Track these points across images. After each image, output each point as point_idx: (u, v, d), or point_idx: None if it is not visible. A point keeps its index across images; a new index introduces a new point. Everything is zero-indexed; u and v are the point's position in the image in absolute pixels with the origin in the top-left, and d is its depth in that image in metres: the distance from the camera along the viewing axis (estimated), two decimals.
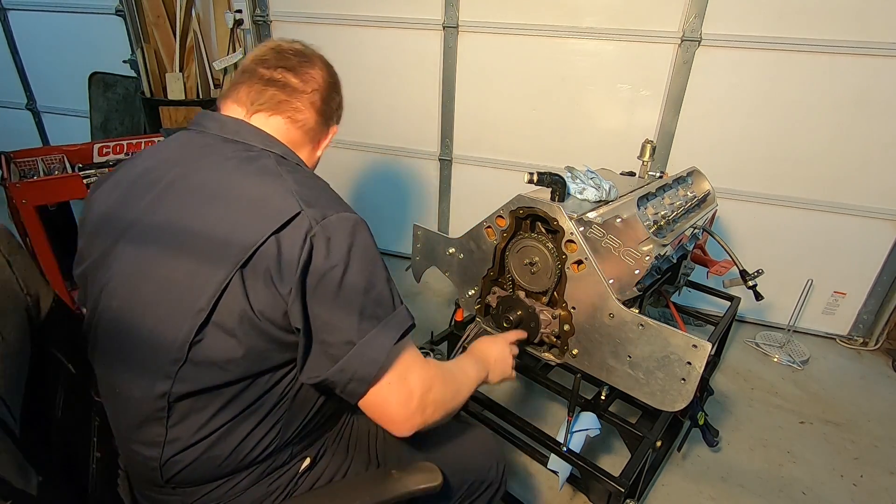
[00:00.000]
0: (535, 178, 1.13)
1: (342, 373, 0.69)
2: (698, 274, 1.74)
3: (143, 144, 2.38)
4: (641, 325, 1.05)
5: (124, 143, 2.32)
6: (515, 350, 1.14)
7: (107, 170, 2.09)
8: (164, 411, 0.71)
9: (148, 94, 2.65)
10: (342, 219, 0.72)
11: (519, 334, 1.22)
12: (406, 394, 0.73)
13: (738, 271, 1.47)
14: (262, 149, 0.81)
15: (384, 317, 0.72)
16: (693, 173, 1.72)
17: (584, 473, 1.21)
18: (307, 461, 0.84)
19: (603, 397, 1.39)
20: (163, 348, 0.69)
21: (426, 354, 1.52)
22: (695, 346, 0.99)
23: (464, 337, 1.54)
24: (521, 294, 1.27)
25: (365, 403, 0.73)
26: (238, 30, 2.71)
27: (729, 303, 1.87)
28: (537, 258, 1.20)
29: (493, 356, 1.04)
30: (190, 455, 0.73)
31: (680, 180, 1.65)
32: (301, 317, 0.68)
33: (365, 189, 2.96)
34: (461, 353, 1.53)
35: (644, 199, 1.39)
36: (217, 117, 0.84)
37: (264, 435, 0.77)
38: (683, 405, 1.03)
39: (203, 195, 0.73)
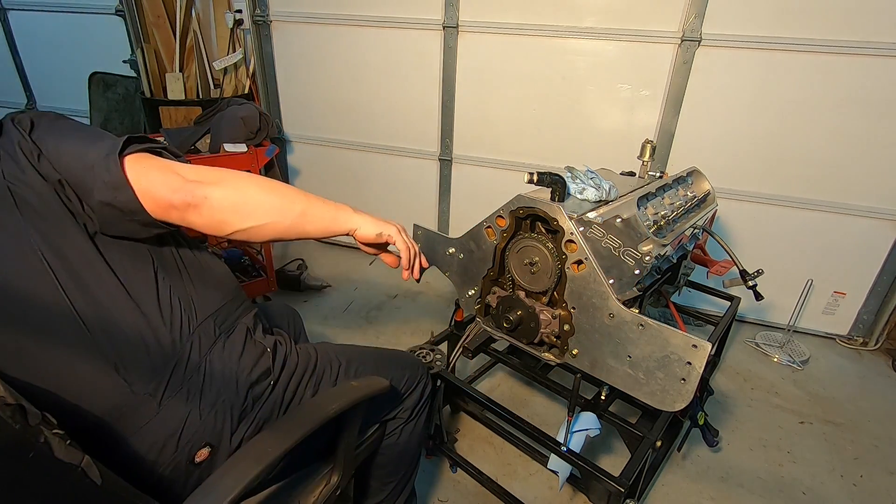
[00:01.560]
0: (535, 178, 1.13)
1: (102, 193, 0.74)
2: (698, 274, 1.74)
3: None
4: (641, 325, 1.05)
5: None
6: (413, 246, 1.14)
7: None
8: None
9: (148, 94, 2.65)
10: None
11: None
12: (161, 174, 0.76)
13: (738, 271, 1.47)
14: None
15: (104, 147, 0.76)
16: (693, 173, 1.72)
17: (584, 473, 1.21)
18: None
19: (603, 397, 1.39)
20: None
21: (426, 354, 1.52)
22: (695, 346, 0.99)
23: (464, 337, 1.54)
24: (521, 294, 1.27)
25: (142, 199, 0.75)
26: (238, 30, 2.71)
27: (729, 303, 1.87)
28: (537, 258, 1.20)
29: (371, 216, 1.01)
30: None
31: (680, 180, 1.65)
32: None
33: (365, 189, 2.96)
34: (461, 353, 1.54)
35: (644, 199, 1.39)
36: None
37: None
38: (683, 405, 1.03)
39: None
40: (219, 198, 0.79)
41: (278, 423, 0.86)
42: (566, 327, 1.18)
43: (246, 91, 2.82)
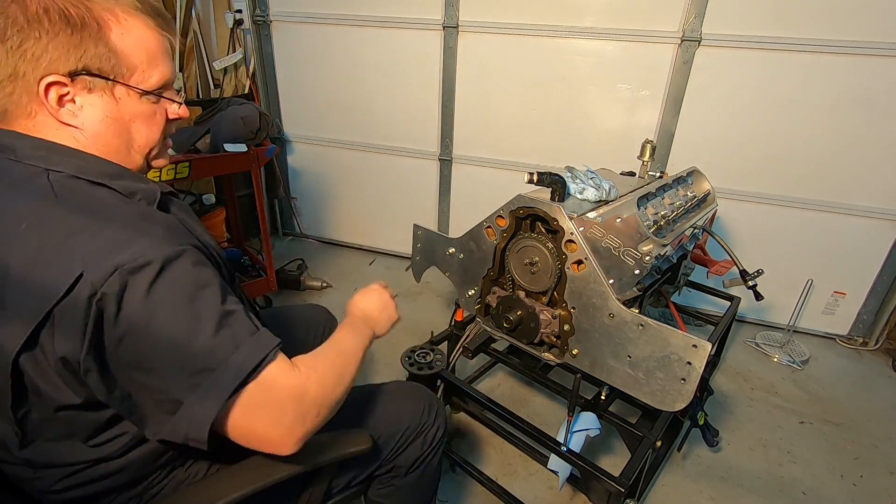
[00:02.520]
0: (535, 178, 1.13)
1: (175, 433, 0.62)
2: (698, 274, 1.74)
3: None
4: (641, 325, 1.05)
5: None
6: (391, 290, 1.07)
7: None
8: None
9: None
10: (136, 263, 0.58)
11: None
12: (276, 412, 0.64)
13: (738, 271, 1.47)
14: (41, 169, 0.64)
15: (216, 366, 0.61)
16: (693, 173, 1.72)
17: (584, 473, 1.21)
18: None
19: (603, 397, 1.39)
20: None
21: (426, 354, 1.52)
22: (695, 346, 0.99)
23: (464, 337, 1.54)
24: (521, 294, 1.27)
25: (233, 436, 0.64)
26: (238, 30, 2.71)
27: (729, 303, 1.87)
28: (537, 258, 1.20)
29: (373, 308, 0.97)
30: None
31: (680, 180, 1.65)
32: (107, 387, 0.61)
33: (365, 189, 2.96)
34: (461, 353, 1.54)
35: (644, 199, 1.39)
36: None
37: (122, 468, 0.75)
38: (683, 405, 1.03)
39: None
40: (313, 424, 0.68)
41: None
42: (566, 327, 1.18)
43: (246, 91, 2.82)
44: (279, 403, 0.64)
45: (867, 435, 1.89)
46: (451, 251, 1.42)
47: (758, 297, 1.48)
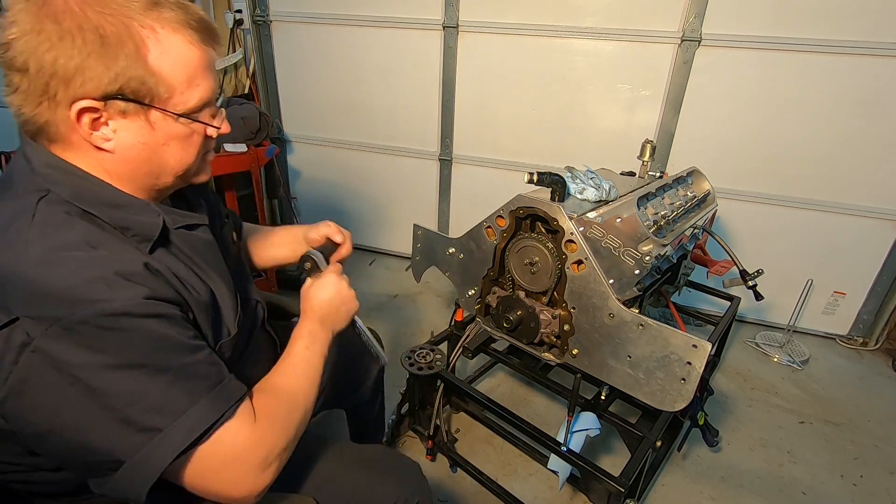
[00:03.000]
0: (535, 178, 1.13)
1: (114, 492, 0.60)
2: (698, 274, 1.74)
3: None
4: (641, 325, 1.05)
5: None
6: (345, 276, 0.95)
7: None
8: None
9: None
10: (74, 318, 0.55)
11: (336, 261, 1.01)
12: (233, 472, 0.63)
13: (738, 271, 1.47)
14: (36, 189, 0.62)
15: (163, 426, 0.58)
16: (693, 173, 1.72)
17: (584, 473, 1.21)
18: None
19: (603, 397, 1.39)
20: None
21: (426, 354, 1.52)
22: (695, 346, 0.99)
23: (464, 337, 1.54)
24: (521, 294, 1.27)
25: (189, 489, 0.63)
26: (238, 30, 2.71)
27: (729, 303, 1.87)
28: (537, 258, 1.20)
29: (332, 304, 0.88)
30: None
31: (680, 180, 1.65)
32: (44, 443, 0.59)
33: (365, 189, 2.96)
34: (461, 353, 1.54)
35: (644, 199, 1.39)
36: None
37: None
38: (683, 405, 1.03)
39: None
40: (277, 463, 0.68)
41: None
42: (566, 327, 1.18)
43: (246, 91, 2.82)
44: (237, 463, 0.63)
45: (867, 435, 1.89)
46: (451, 251, 1.42)
47: (758, 297, 1.48)
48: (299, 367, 0.79)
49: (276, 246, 1.12)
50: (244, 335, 0.84)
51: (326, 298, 0.88)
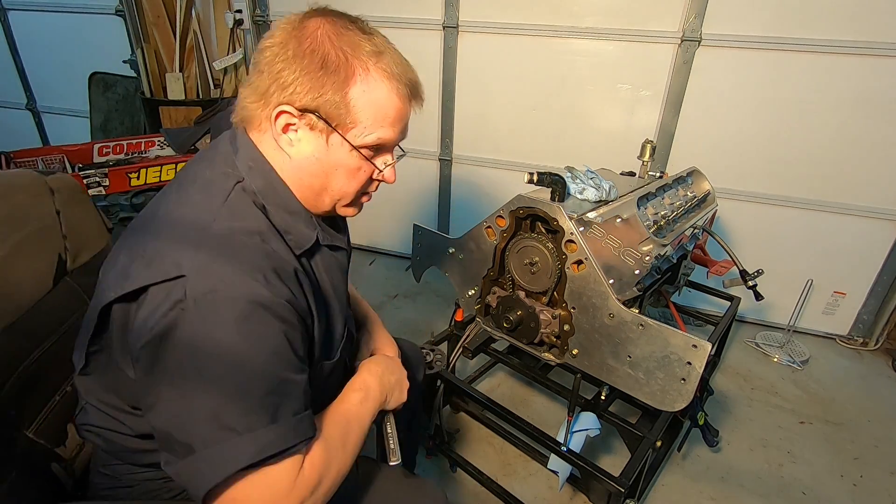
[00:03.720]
0: (535, 178, 1.13)
1: (178, 476, 0.61)
2: (698, 274, 1.74)
3: (143, 144, 2.38)
4: (641, 325, 1.05)
5: (124, 143, 2.33)
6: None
7: (107, 170, 2.09)
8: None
9: (148, 94, 2.65)
10: (229, 294, 0.60)
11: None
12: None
13: (738, 271, 1.47)
14: (234, 174, 0.71)
15: (242, 432, 0.59)
16: (693, 173, 1.72)
17: (584, 473, 1.21)
18: None
19: (603, 397, 1.39)
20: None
21: (426, 354, 1.52)
22: (695, 346, 0.99)
23: (464, 337, 1.54)
24: (521, 294, 1.27)
25: None
26: (238, 30, 2.71)
27: (729, 303, 1.87)
28: (537, 258, 1.20)
29: (393, 382, 0.90)
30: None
31: (680, 180, 1.65)
32: (148, 397, 0.62)
33: None
34: (461, 353, 1.54)
35: (644, 199, 1.39)
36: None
37: None
38: (683, 405, 1.03)
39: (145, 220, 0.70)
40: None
41: None
42: (566, 327, 1.18)
43: None
44: (283, 497, 0.62)
45: (867, 435, 1.89)
46: (451, 251, 1.42)
47: (758, 297, 1.48)
48: (351, 425, 0.76)
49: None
50: (342, 362, 0.86)
51: (392, 374, 0.91)
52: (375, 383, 0.85)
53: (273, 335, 0.62)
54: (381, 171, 0.78)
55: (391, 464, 0.89)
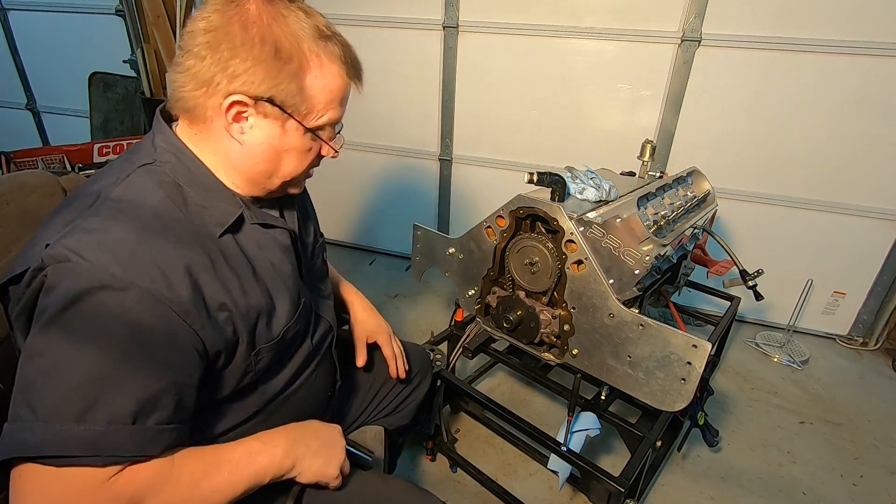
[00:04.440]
0: (535, 178, 1.13)
1: None
2: (698, 274, 1.74)
3: None
4: (641, 325, 1.05)
5: (124, 143, 2.33)
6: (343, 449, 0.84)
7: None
8: None
9: (148, 94, 2.66)
10: (81, 270, 0.57)
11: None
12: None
13: (738, 271, 1.47)
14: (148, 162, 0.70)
15: (45, 418, 0.55)
16: (693, 173, 1.72)
17: (584, 473, 1.21)
18: None
19: (603, 397, 1.39)
20: None
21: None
22: (695, 346, 0.99)
23: (464, 337, 1.54)
24: (521, 294, 1.27)
25: None
26: None
27: (729, 303, 1.87)
28: (537, 258, 1.20)
29: (309, 444, 0.78)
30: None
31: (680, 180, 1.65)
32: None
33: (365, 189, 2.96)
34: (461, 353, 1.54)
35: (644, 199, 1.39)
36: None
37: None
38: (683, 405, 1.03)
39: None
40: None
41: None
42: (566, 327, 1.18)
43: None
44: (74, 500, 0.56)
45: (867, 435, 1.89)
46: (451, 251, 1.42)
47: (758, 297, 1.48)
48: (224, 468, 0.67)
49: (344, 302, 1.17)
50: (287, 346, 0.81)
51: (317, 433, 0.81)
52: (282, 443, 0.74)
53: (110, 323, 0.58)
54: (334, 150, 0.79)
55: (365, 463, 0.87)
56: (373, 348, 1.16)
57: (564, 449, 1.24)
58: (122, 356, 0.58)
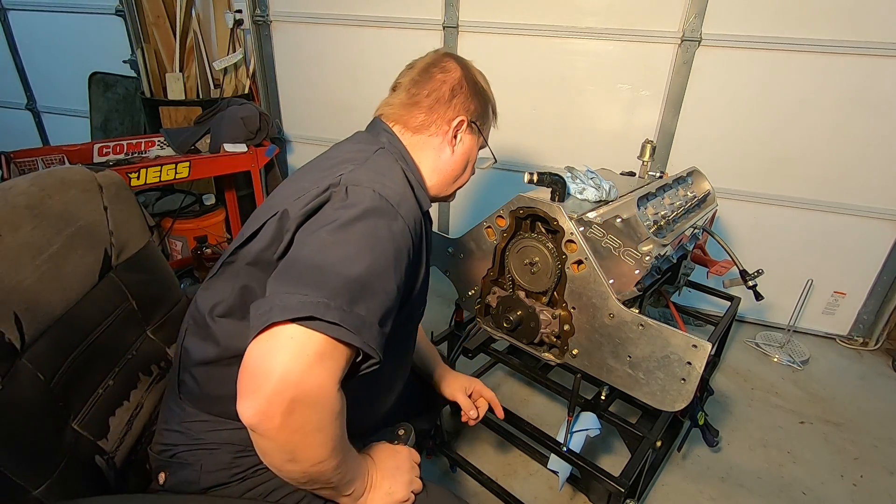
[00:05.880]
0: (535, 178, 1.13)
1: (253, 308, 0.65)
2: (698, 274, 1.74)
3: (143, 144, 2.38)
4: (641, 325, 1.05)
5: (124, 143, 2.33)
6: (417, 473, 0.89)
7: (107, 170, 2.09)
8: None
9: (148, 94, 2.65)
10: (384, 191, 0.76)
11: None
12: (288, 380, 0.60)
13: (738, 271, 1.47)
14: (379, 144, 0.91)
15: (332, 302, 0.63)
16: (693, 173, 1.72)
17: (584, 473, 1.21)
18: None
19: (603, 397, 1.39)
20: None
21: None
22: (695, 346, 0.99)
23: (464, 337, 1.54)
24: (521, 294, 1.27)
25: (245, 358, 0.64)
26: (238, 30, 2.71)
27: (729, 303, 1.87)
28: (537, 258, 1.20)
29: (395, 468, 0.84)
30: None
31: (680, 180, 1.65)
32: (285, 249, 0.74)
33: None
34: (461, 353, 1.54)
35: (644, 199, 1.39)
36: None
37: None
38: (683, 405, 1.03)
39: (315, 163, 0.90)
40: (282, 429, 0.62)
41: None
42: (566, 327, 1.18)
43: (246, 91, 2.82)
44: (298, 377, 0.61)
45: (867, 435, 1.89)
46: (450, 251, 1.42)
47: (758, 297, 1.48)
48: (346, 461, 0.73)
49: (431, 369, 1.26)
50: (416, 326, 1.01)
51: (392, 465, 0.85)
52: (369, 464, 0.82)
53: (384, 240, 0.72)
54: (494, 159, 1.11)
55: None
56: None
57: (564, 449, 1.24)
58: (387, 268, 0.71)
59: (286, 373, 0.60)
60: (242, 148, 2.28)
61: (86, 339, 0.86)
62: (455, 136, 0.96)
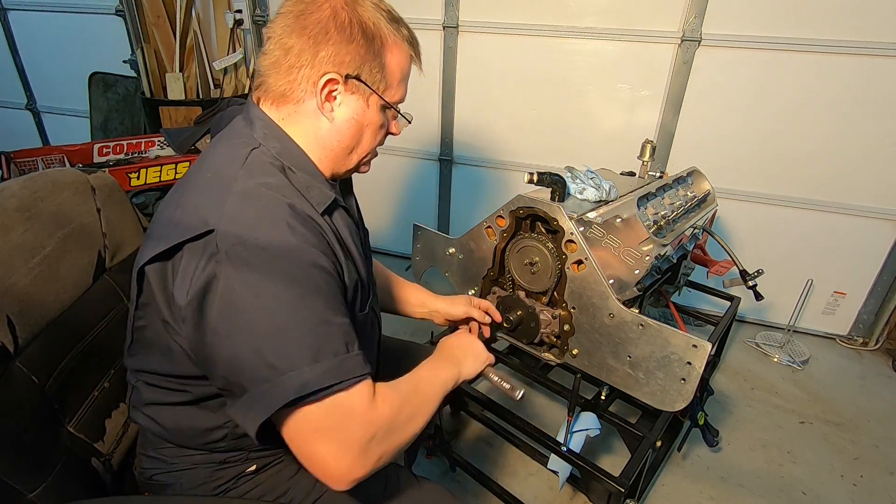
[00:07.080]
0: (535, 178, 1.13)
1: (235, 416, 0.65)
2: (698, 274, 1.74)
3: (143, 144, 2.38)
4: (641, 325, 1.05)
5: (124, 143, 2.33)
6: (483, 335, 1.12)
7: (107, 170, 2.09)
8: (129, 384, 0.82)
9: (148, 94, 2.65)
10: (258, 242, 0.64)
11: (480, 321, 1.21)
12: (336, 444, 0.63)
13: (738, 271, 1.47)
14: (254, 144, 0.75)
15: (284, 371, 0.61)
16: (693, 173, 1.72)
17: (584, 473, 1.21)
18: (253, 466, 0.84)
19: (603, 397, 1.39)
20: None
21: None
22: (695, 346, 0.99)
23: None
24: (521, 294, 1.27)
25: (292, 450, 0.65)
26: (238, 30, 2.71)
27: (729, 303, 1.87)
28: (537, 258, 1.20)
29: (458, 350, 0.97)
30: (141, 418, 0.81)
31: (680, 180, 1.65)
32: (202, 349, 0.66)
33: (365, 189, 2.96)
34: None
35: (644, 199, 1.39)
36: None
37: (218, 426, 0.79)
38: (683, 405, 1.03)
39: (182, 182, 0.75)
40: (374, 462, 0.66)
41: None
42: (566, 327, 1.18)
43: (246, 91, 2.82)
44: (343, 435, 0.63)
45: (867, 435, 1.89)
46: (451, 251, 1.42)
47: (758, 297, 1.48)
48: (421, 385, 0.80)
49: (404, 303, 1.24)
50: (370, 318, 0.90)
51: (456, 344, 0.98)
52: (441, 359, 0.92)
53: (303, 278, 0.65)
54: (407, 120, 0.89)
55: (516, 398, 0.98)
56: (400, 354, 1.19)
57: (564, 449, 1.24)
58: (320, 302, 0.66)
59: (335, 450, 0.63)
60: None
61: (80, 342, 0.86)
62: (328, 100, 0.75)
